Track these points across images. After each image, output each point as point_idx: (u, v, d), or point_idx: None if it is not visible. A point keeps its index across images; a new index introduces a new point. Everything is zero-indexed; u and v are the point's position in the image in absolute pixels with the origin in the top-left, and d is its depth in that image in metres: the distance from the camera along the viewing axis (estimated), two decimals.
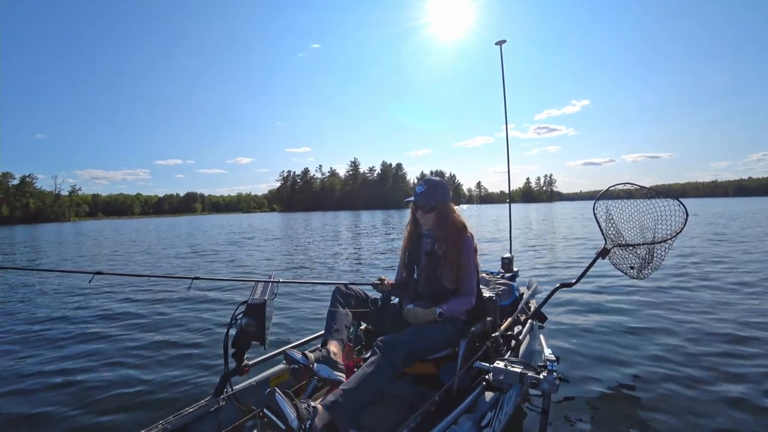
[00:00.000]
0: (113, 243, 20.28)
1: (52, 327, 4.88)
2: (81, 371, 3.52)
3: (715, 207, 42.58)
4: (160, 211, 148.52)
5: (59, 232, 36.70)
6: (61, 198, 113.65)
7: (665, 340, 3.72)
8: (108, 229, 38.14)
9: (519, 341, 2.46)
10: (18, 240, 26.53)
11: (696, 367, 3.13)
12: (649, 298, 5.24)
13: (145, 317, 5.17)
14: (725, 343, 3.60)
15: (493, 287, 3.08)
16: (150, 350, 3.98)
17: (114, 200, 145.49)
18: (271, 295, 2.10)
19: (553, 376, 1.82)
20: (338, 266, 9.63)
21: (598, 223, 2.83)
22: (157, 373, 3.41)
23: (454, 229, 2.28)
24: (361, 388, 1.71)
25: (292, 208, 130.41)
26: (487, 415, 1.91)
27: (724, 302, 4.91)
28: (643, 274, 2.71)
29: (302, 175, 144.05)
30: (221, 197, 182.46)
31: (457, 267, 2.23)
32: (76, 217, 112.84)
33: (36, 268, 8.47)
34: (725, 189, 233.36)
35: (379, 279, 2.51)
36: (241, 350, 2.07)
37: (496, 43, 5.08)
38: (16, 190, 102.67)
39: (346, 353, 2.07)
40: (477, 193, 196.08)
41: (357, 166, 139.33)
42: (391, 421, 1.88)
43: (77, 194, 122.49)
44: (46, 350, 4.07)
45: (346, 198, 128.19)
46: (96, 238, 25.64)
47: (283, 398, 1.50)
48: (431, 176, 2.41)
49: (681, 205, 2.59)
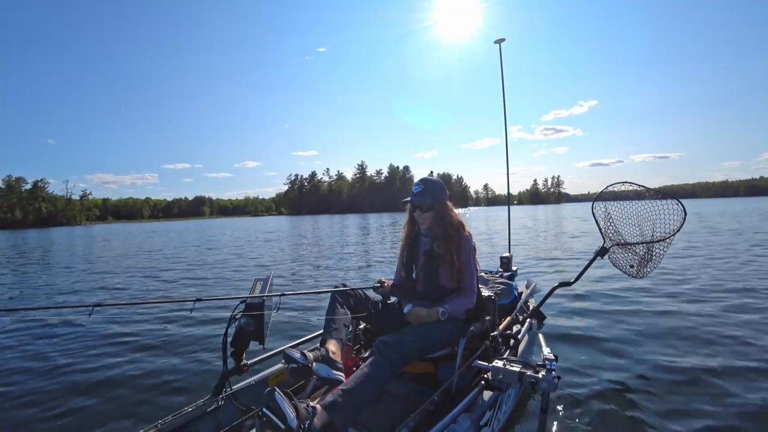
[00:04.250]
0: (138, 249, 20.26)
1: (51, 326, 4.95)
2: (80, 371, 3.56)
3: (717, 207, 41.89)
4: (169, 215, 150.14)
5: (87, 235, 37.00)
6: (72, 202, 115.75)
7: (665, 340, 3.68)
8: (124, 233, 38.47)
9: (518, 340, 2.45)
10: (43, 243, 26.46)
11: (696, 367, 3.10)
12: (648, 298, 5.20)
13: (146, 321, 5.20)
14: (725, 342, 3.56)
15: (491, 286, 3.07)
16: (150, 350, 4.02)
17: (124, 204, 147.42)
18: (271, 296, 2.11)
19: (552, 375, 1.81)
20: (343, 267, 9.65)
21: (597, 222, 2.82)
22: (156, 372, 3.44)
23: (453, 228, 2.28)
24: (360, 388, 1.70)
25: (299, 212, 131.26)
26: (486, 414, 1.91)
27: (725, 302, 4.85)
28: (643, 272, 2.70)
29: (309, 178, 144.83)
30: (229, 201, 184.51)
31: (456, 266, 2.23)
32: (87, 221, 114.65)
33: (28, 307, 7.99)
34: (737, 189, 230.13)
35: (379, 281, 2.51)
36: (240, 350, 2.09)
37: (495, 41, 5.08)
38: (28, 195, 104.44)
39: (344, 352, 2.08)
40: (484, 195, 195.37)
41: (364, 169, 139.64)
42: (390, 420, 1.89)
43: (88, 198, 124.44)
44: (42, 351, 4.12)
45: (354, 201, 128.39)
46: (125, 242, 25.81)
47: (282, 398, 1.50)
48: (428, 176, 2.42)
49: (679, 205, 2.58)
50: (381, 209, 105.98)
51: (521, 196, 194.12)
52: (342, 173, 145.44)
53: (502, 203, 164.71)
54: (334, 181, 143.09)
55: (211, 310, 5.26)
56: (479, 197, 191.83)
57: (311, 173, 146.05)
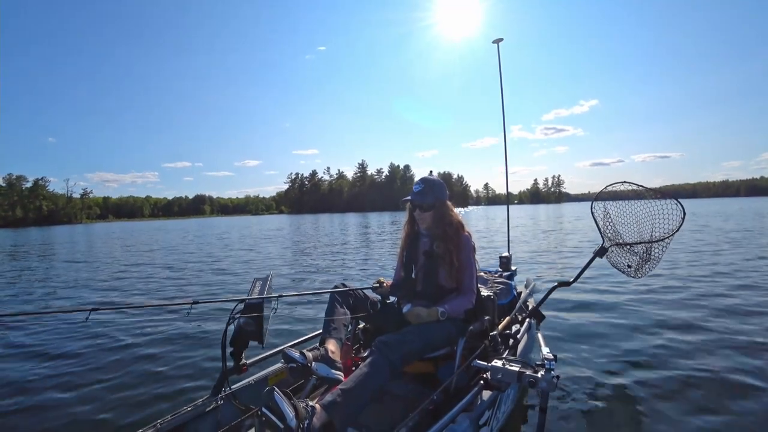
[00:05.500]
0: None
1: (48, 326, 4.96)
2: (79, 369, 3.57)
3: (713, 206, 41.81)
4: (170, 214, 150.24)
5: (92, 233, 36.84)
6: (73, 200, 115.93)
7: (664, 339, 3.68)
8: (137, 231, 38.42)
9: (517, 340, 2.45)
10: (62, 239, 26.35)
11: (695, 366, 3.10)
12: (647, 297, 5.20)
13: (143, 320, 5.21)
14: (725, 343, 3.56)
15: (491, 286, 3.07)
16: (149, 349, 4.02)
17: (124, 203, 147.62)
18: (269, 298, 2.10)
19: (551, 374, 1.81)
20: (344, 266, 9.66)
21: (596, 222, 2.82)
22: (155, 372, 3.44)
23: (452, 228, 2.28)
24: (359, 387, 1.70)
25: (300, 210, 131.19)
26: (485, 413, 1.91)
27: (726, 303, 4.85)
28: (641, 272, 2.69)
29: (310, 177, 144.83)
30: (230, 199, 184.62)
31: (455, 266, 2.23)
32: (88, 219, 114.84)
33: (26, 312, 7.26)
34: (737, 189, 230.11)
35: (377, 281, 2.51)
36: (239, 349, 2.08)
37: (493, 41, 5.06)
38: (29, 193, 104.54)
39: (344, 352, 2.08)
40: (485, 194, 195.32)
41: (365, 168, 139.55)
42: (390, 420, 1.88)
43: (88, 197, 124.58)
44: (41, 351, 4.13)
45: (355, 199, 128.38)
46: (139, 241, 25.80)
47: (281, 397, 1.50)
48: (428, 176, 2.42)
49: (678, 204, 2.57)
50: (382, 208, 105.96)
51: (522, 195, 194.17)
52: (342, 172, 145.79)
53: (503, 202, 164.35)
54: (335, 179, 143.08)
55: (211, 310, 5.26)
56: (479, 196, 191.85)
57: (312, 172, 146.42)
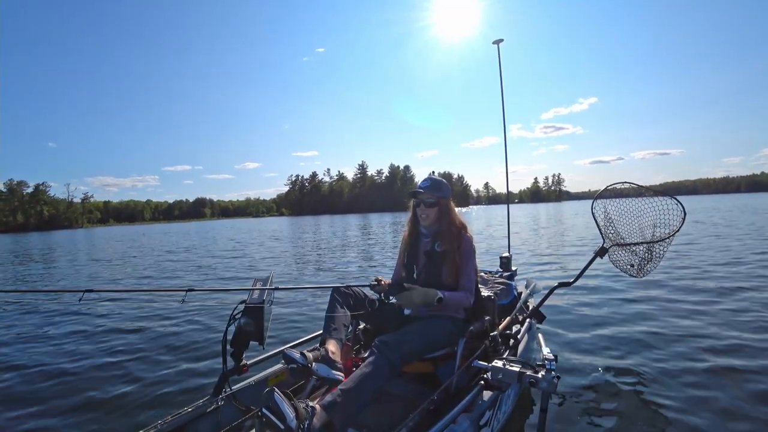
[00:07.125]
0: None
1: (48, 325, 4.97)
2: (78, 369, 3.58)
3: (708, 203, 41.72)
4: (170, 217, 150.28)
5: (98, 236, 36.79)
6: (74, 205, 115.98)
7: (664, 339, 3.67)
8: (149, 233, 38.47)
9: (517, 340, 2.44)
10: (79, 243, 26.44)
11: (696, 366, 3.09)
12: (648, 297, 5.19)
13: (140, 319, 5.20)
14: (725, 342, 3.55)
15: (491, 286, 3.07)
16: (148, 350, 4.03)
17: (125, 207, 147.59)
18: (268, 299, 2.11)
19: (552, 375, 1.81)
20: (344, 266, 9.66)
21: (596, 222, 2.82)
22: (155, 373, 3.45)
23: (455, 228, 2.29)
24: (359, 388, 1.71)
25: (300, 212, 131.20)
26: (485, 414, 1.91)
27: (733, 303, 4.83)
28: (643, 272, 2.69)
29: (310, 178, 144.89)
30: (230, 202, 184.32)
31: (456, 266, 2.23)
32: (89, 223, 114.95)
33: (21, 289, 7.21)
34: (737, 185, 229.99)
35: (375, 279, 2.50)
36: (240, 350, 2.08)
37: (493, 42, 5.07)
38: (30, 198, 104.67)
39: (344, 352, 2.08)
40: (485, 194, 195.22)
41: (365, 169, 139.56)
42: (390, 420, 1.89)
43: (89, 201, 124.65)
44: (38, 350, 4.15)
45: (355, 201, 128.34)
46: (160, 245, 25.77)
47: (281, 398, 1.50)
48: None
49: (678, 204, 2.57)
50: (382, 209, 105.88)
51: (522, 194, 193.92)
52: (343, 173, 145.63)
53: (503, 202, 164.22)
54: (335, 181, 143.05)
55: (212, 309, 5.27)
56: (480, 196, 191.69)
57: (312, 174, 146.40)
